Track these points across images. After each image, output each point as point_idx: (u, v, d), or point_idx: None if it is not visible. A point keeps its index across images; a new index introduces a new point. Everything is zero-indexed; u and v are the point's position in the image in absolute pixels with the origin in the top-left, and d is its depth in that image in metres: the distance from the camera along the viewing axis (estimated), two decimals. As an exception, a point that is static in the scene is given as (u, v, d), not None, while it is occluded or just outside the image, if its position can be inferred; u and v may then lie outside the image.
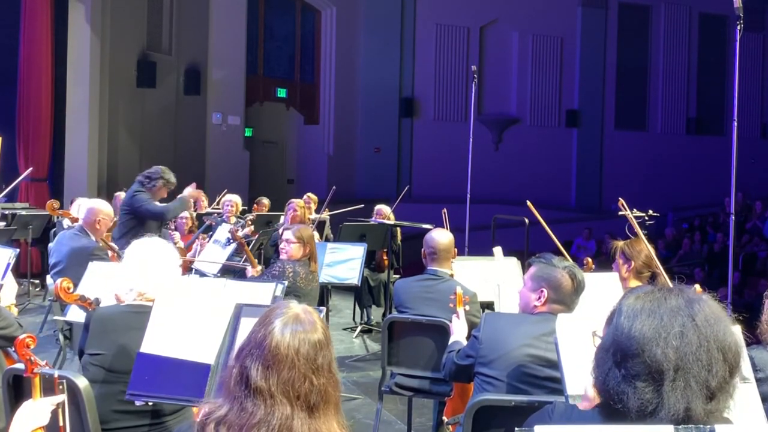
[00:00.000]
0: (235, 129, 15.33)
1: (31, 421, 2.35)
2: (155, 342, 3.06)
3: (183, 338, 3.03)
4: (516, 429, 1.91)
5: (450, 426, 3.87)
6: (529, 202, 5.99)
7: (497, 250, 5.69)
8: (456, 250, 5.14)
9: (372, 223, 8.37)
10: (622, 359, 1.74)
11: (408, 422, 5.14)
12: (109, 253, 5.92)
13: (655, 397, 1.69)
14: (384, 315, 8.68)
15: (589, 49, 18.49)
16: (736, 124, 5.62)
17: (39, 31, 11.53)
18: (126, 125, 13.76)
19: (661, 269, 4.55)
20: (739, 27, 5.33)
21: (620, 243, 4.66)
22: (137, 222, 6.65)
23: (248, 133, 15.90)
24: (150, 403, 3.06)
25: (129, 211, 6.72)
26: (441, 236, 4.88)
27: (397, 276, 8.68)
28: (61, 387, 2.50)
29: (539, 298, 3.29)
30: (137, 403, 3.15)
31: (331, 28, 16.86)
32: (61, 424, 2.49)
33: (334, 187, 8.48)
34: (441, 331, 4.39)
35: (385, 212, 8.77)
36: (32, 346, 2.49)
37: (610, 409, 1.75)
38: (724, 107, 19.01)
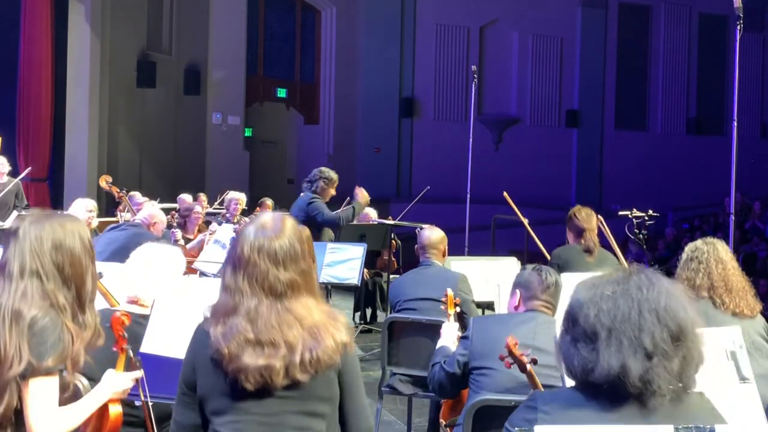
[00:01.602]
0: (235, 129, 15.33)
1: (113, 389, 2.57)
2: (155, 342, 3.06)
3: (183, 338, 3.02)
4: (516, 429, 1.94)
5: (448, 428, 3.88)
6: (505, 193, 6.30)
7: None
8: (446, 249, 5.24)
9: (372, 223, 8.38)
10: (569, 326, 1.96)
11: (408, 422, 5.15)
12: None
13: (593, 356, 1.88)
14: (374, 314, 8.68)
15: (589, 49, 18.47)
16: (736, 124, 5.63)
17: (39, 31, 11.54)
18: (126, 125, 13.76)
19: (592, 233, 5.30)
20: (739, 27, 5.33)
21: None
22: (314, 228, 6.69)
23: (248, 133, 15.90)
24: (149, 403, 3.06)
25: (305, 218, 6.76)
26: (430, 232, 5.13)
27: (397, 276, 8.69)
28: (138, 364, 2.75)
29: (515, 299, 3.54)
30: (137, 403, 3.15)
31: (331, 28, 16.86)
32: (142, 398, 2.77)
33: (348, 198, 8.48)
34: (441, 331, 4.40)
35: (371, 216, 8.76)
36: (127, 324, 2.72)
37: (572, 376, 1.94)
38: (724, 107, 19.00)
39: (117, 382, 2.59)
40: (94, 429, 2.61)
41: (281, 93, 16.47)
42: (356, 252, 6.79)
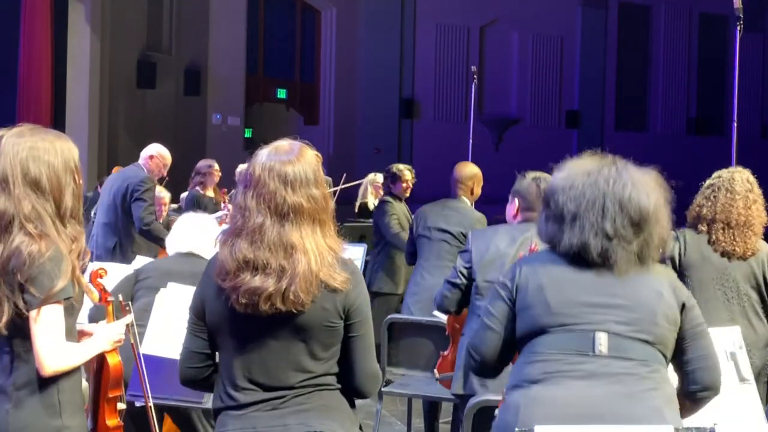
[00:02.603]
0: (235, 129, 15.32)
1: (108, 338, 2.58)
2: (155, 342, 3.07)
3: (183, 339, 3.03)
4: (516, 429, 1.98)
5: (441, 382, 3.93)
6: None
7: None
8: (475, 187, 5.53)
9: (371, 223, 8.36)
10: (545, 206, 2.31)
11: (408, 423, 5.15)
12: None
13: (558, 234, 2.23)
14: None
15: (589, 49, 18.46)
16: (736, 124, 5.62)
17: (39, 31, 11.53)
18: (126, 125, 13.75)
19: None
20: (739, 27, 5.32)
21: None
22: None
23: (248, 133, 15.89)
24: (150, 404, 3.06)
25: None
26: (461, 166, 5.53)
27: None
28: (127, 309, 2.80)
29: (513, 207, 3.65)
30: (137, 404, 3.16)
31: (331, 28, 16.85)
32: (132, 341, 2.83)
33: (345, 174, 8.48)
34: (441, 332, 4.40)
35: (379, 182, 8.74)
36: (105, 277, 2.76)
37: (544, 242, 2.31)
38: (724, 107, 18.98)
39: (110, 330, 2.61)
40: (96, 380, 2.67)
41: (281, 93, 16.46)
42: (356, 252, 6.77)
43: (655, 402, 2.09)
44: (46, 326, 2.29)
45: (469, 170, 5.39)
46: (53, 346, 2.30)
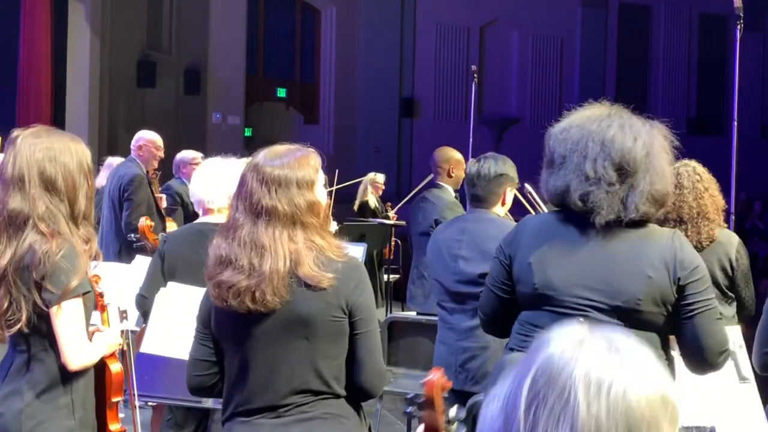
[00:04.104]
0: (234, 129, 15.31)
1: (110, 345, 2.57)
2: (156, 342, 3.06)
3: (184, 338, 3.03)
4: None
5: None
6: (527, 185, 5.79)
7: None
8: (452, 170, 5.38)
9: (372, 223, 8.38)
10: (545, 154, 2.30)
11: (408, 423, 5.14)
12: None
13: (549, 179, 2.22)
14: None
15: (589, 49, 18.46)
16: (736, 124, 5.61)
17: (38, 31, 11.52)
18: (126, 125, 13.75)
19: None
20: (739, 27, 5.31)
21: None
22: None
23: (248, 133, 15.89)
24: (150, 404, 3.06)
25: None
26: (440, 150, 5.48)
27: (397, 276, 8.69)
28: (124, 315, 2.83)
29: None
30: (137, 403, 3.15)
31: (331, 28, 16.84)
32: (124, 348, 2.85)
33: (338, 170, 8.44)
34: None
35: (379, 182, 8.84)
36: (99, 283, 2.71)
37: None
38: (724, 107, 18.98)
39: (107, 336, 2.59)
40: (100, 387, 2.66)
41: (281, 93, 16.46)
42: (356, 252, 6.75)
43: None
44: (68, 321, 2.31)
45: (445, 153, 5.40)
46: (77, 340, 2.33)
